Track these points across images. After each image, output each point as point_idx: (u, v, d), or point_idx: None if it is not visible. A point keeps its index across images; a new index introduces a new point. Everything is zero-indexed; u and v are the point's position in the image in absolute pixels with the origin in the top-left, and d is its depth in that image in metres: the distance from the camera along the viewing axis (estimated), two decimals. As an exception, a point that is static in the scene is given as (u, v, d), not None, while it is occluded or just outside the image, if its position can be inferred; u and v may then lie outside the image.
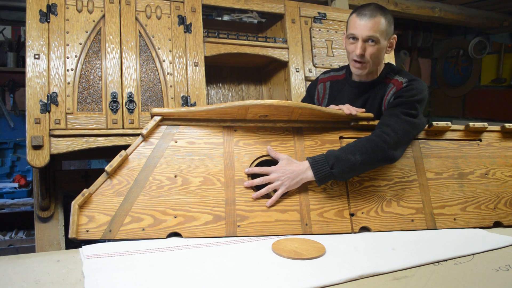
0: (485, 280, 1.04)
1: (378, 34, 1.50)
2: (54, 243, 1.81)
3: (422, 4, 3.69)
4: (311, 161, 1.39)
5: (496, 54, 4.59)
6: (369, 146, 1.40)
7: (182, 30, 1.87)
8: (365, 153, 1.39)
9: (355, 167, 1.39)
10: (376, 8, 1.52)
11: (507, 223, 1.57)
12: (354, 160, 1.38)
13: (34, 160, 1.55)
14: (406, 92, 1.53)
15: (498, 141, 1.71)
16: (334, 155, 1.38)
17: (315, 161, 1.39)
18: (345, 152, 1.39)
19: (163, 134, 1.41)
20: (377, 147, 1.41)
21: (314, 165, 1.38)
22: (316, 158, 1.40)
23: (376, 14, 1.50)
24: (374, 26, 1.49)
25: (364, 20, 1.50)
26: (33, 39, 1.60)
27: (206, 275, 1.04)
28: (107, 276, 1.02)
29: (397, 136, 1.43)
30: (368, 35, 1.50)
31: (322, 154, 1.41)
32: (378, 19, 1.50)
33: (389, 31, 1.55)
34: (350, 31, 1.54)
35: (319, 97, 1.79)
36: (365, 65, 1.56)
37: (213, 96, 2.44)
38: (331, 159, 1.38)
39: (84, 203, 1.27)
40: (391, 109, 1.52)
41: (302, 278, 1.02)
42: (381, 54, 1.57)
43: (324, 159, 1.38)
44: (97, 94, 1.70)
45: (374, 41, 1.51)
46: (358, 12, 1.52)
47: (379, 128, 1.47)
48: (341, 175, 1.39)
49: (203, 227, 1.32)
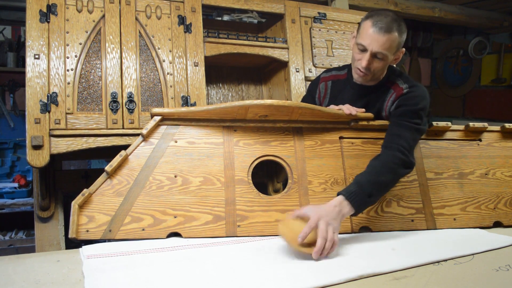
0: (485, 280, 1.04)
1: (387, 52, 1.45)
2: (54, 243, 1.81)
3: (422, 4, 3.69)
4: (346, 195, 1.26)
5: (496, 54, 4.59)
6: (393, 162, 1.38)
7: (182, 30, 1.87)
8: (392, 169, 1.37)
9: (388, 186, 1.40)
10: (393, 21, 1.43)
11: (507, 223, 1.57)
12: (386, 180, 1.36)
13: (34, 160, 1.55)
14: (409, 101, 1.50)
15: (498, 141, 1.71)
16: (368, 182, 1.30)
17: (350, 193, 1.27)
18: (376, 174, 1.34)
19: (163, 134, 1.41)
20: (399, 161, 1.39)
21: (350, 198, 1.26)
22: (349, 190, 1.27)
23: (392, 29, 1.42)
24: (386, 43, 1.42)
25: (378, 34, 1.42)
26: (33, 39, 1.60)
27: (206, 275, 1.04)
28: (107, 276, 1.02)
29: (411, 146, 1.44)
30: (378, 51, 1.44)
31: (352, 185, 1.30)
32: (392, 35, 1.42)
33: (399, 46, 1.48)
34: (361, 41, 1.46)
35: (320, 96, 1.78)
36: (368, 76, 1.53)
37: (213, 96, 2.44)
38: (367, 187, 1.29)
39: (84, 203, 1.27)
40: (397, 118, 1.50)
41: (302, 278, 1.02)
42: (386, 67, 1.55)
43: (359, 190, 1.28)
44: (97, 94, 1.70)
45: (382, 58, 1.46)
46: (374, 22, 1.43)
47: (393, 141, 1.44)
48: (377, 198, 1.37)
49: (203, 227, 1.32)
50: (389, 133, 1.49)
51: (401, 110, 1.50)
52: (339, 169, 1.52)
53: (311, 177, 1.48)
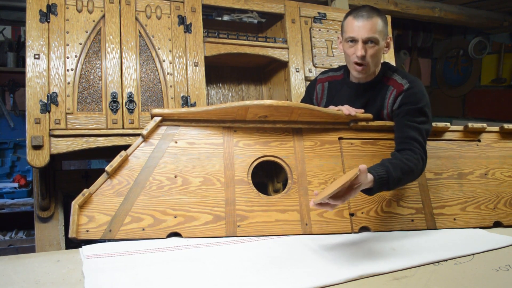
0: (485, 280, 1.04)
1: (377, 35, 1.50)
2: (54, 243, 1.81)
3: (422, 4, 3.69)
4: (376, 177, 1.26)
5: (496, 54, 4.58)
6: (418, 167, 1.40)
7: (182, 30, 1.87)
8: (414, 173, 1.39)
9: (402, 185, 1.44)
10: (371, 9, 1.52)
11: (507, 223, 1.57)
12: (406, 180, 1.39)
13: (34, 160, 1.55)
14: (412, 98, 1.51)
15: (497, 141, 1.71)
16: (395, 177, 1.30)
17: (379, 176, 1.27)
18: (403, 172, 1.33)
19: (163, 134, 1.41)
20: (421, 168, 1.42)
21: (378, 181, 1.27)
22: (378, 172, 1.27)
23: (373, 15, 1.50)
24: (373, 27, 1.49)
25: (361, 21, 1.49)
26: (33, 39, 1.60)
27: (206, 275, 1.04)
28: (107, 276, 1.02)
29: (423, 147, 1.45)
30: (367, 37, 1.49)
31: (383, 171, 1.29)
32: (375, 19, 1.50)
33: (385, 31, 1.55)
34: (349, 34, 1.53)
35: (318, 97, 1.79)
36: (366, 68, 1.54)
37: (213, 96, 2.44)
38: (393, 181, 1.30)
39: (84, 203, 1.27)
40: (404, 118, 1.49)
41: (302, 278, 1.02)
42: (380, 54, 1.56)
43: (386, 176, 1.28)
44: (97, 94, 1.70)
45: (374, 42, 1.50)
46: (355, 15, 1.52)
47: (406, 143, 1.44)
48: (389, 188, 1.36)
49: (203, 227, 1.33)
50: (401, 135, 1.47)
51: (406, 109, 1.50)
52: (339, 169, 1.52)
53: (311, 177, 1.48)
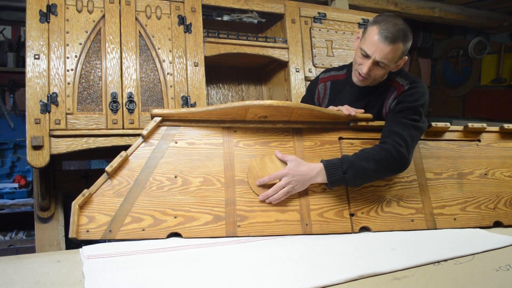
0: (485, 280, 1.04)
1: (390, 61, 1.46)
2: (54, 243, 1.81)
3: (422, 4, 3.69)
4: (326, 164, 1.38)
5: (496, 54, 4.58)
6: (383, 156, 1.39)
7: (182, 30, 1.87)
8: (378, 161, 1.39)
9: (368, 175, 1.40)
10: (399, 31, 1.41)
11: (507, 223, 1.57)
12: (367, 167, 1.37)
13: (34, 161, 1.55)
14: (409, 97, 1.51)
15: (497, 141, 1.71)
16: (348, 160, 1.37)
17: (330, 164, 1.37)
18: (359, 158, 1.38)
19: (163, 135, 1.41)
20: (391, 157, 1.40)
21: (328, 167, 1.37)
22: (331, 161, 1.38)
23: (397, 40, 1.41)
24: (389, 53, 1.43)
25: (383, 43, 1.41)
26: (33, 39, 1.60)
27: (206, 275, 1.04)
28: (107, 277, 1.02)
29: (407, 144, 1.43)
30: (380, 60, 1.45)
31: (337, 158, 1.40)
32: (397, 46, 1.42)
33: (403, 54, 1.48)
34: (365, 48, 1.46)
35: (320, 97, 1.78)
36: (367, 81, 1.54)
37: (213, 96, 2.44)
38: (345, 164, 1.37)
39: (85, 203, 1.27)
40: (395, 115, 1.50)
41: (302, 278, 1.02)
42: (386, 73, 1.56)
43: (339, 163, 1.37)
44: (97, 94, 1.70)
45: (384, 66, 1.47)
46: (381, 30, 1.41)
47: (389, 136, 1.44)
48: (353, 180, 1.39)
49: (203, 227, 1.33)
50: (385, 129, 1.49)
51: (400, 107, 1.51)
52: (339, 169, 1.51)
53: (311, 177, 1.48)
